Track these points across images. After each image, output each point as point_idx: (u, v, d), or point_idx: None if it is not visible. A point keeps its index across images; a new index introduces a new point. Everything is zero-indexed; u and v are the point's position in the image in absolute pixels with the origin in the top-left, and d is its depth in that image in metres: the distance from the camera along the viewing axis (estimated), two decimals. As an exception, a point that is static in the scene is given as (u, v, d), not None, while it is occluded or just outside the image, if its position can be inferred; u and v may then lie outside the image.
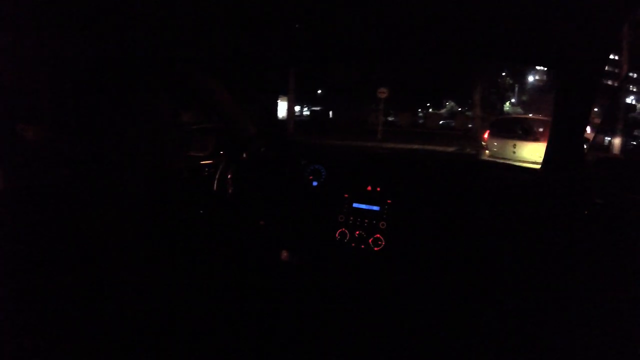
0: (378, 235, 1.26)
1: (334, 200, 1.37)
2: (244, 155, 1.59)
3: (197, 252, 1.46)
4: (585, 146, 1.21)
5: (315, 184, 1.46)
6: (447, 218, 1.26)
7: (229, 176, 1.51)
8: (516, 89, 22.27)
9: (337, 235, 1.30)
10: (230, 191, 1.48)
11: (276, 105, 2.24)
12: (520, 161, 5.28)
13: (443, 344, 1.19)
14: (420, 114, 21.49)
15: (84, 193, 1.16)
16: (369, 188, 1.35)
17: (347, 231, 1.30)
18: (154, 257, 1.37)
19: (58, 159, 1.16)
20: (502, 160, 5.47)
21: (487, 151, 6.69)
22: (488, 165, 1.70)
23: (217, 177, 1.48)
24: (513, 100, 22.59)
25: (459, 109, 21.85)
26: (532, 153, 5.50)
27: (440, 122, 19.96)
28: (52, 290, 1.05)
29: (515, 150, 6.04)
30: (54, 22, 0.99)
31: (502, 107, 20.83)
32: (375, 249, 1.26)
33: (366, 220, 1.30)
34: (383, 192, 1.33)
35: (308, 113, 20.54)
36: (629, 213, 1.03)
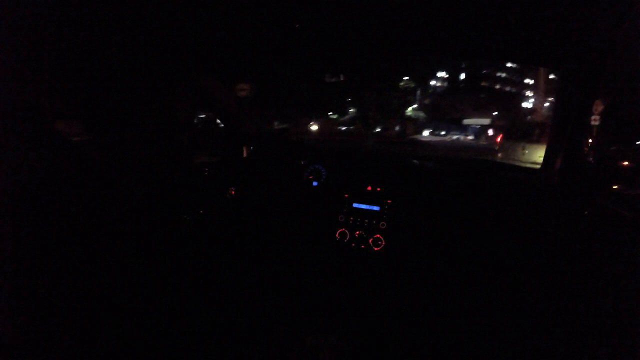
0: (378, 235, 1.26)
1: (334, 200, 1.37)
2: (244, 154, 1.59)
3: (197, 252, 1.46)
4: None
5: (315, 184, 1.46)
6: (447, 218, 1.26)
7: (229, 176, 1.51)
8: (418, 93, 21.92)
9: (337, 235, 1.30)
10: (230, 191, 1.48)
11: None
12: (529, 162, 5.71)
13: (443, 344, 1.19)
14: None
15: (85, 193, 1.16)
16: (369, 188, 1.35)
17: (347, 231, 1.30)
18: (154, 257, 1.37)
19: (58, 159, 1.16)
20: (512, 161, 5.96)
21: (499, 154, 7.32)
22: (488, 166, 1.70)
23: (217, 177, 1.48)
24: (415, 105, 22.26)
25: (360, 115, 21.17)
26: (539, 154, 5.96)
27: (344, 129, 19.30)
28: (52, 290, 1.05)
29: (525, 152, 6.59)
30: (53, 22, 0.99)
31: (404, 112, 20.51)
32: (375, 249, 1.26)
33: (366, 220, 1.30)
34: (383, 192, 1.33)
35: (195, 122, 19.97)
36: (629, 213, 1.03)
